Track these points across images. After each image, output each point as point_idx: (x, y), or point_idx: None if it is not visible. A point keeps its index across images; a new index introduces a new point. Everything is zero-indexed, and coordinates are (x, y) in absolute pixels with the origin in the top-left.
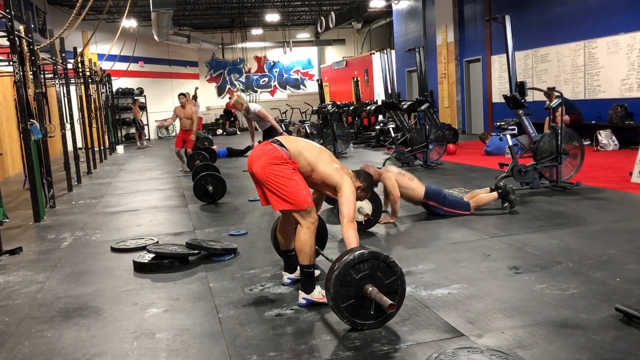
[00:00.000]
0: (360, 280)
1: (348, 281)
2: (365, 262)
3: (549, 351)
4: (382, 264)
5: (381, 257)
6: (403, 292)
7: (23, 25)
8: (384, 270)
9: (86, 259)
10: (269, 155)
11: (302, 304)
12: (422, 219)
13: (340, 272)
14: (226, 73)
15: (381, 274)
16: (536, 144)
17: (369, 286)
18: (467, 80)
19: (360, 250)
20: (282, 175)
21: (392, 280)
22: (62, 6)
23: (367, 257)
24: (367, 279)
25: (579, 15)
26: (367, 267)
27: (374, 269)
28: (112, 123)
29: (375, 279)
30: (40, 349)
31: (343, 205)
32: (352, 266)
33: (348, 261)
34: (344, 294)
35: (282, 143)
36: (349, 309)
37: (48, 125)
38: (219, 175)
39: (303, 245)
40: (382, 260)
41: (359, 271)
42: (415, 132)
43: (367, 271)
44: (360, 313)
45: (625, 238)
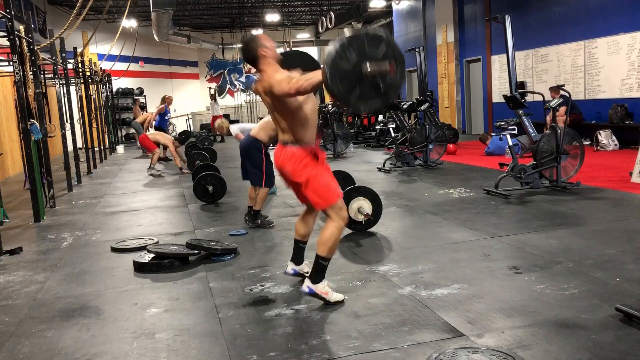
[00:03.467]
0: (355, 66)
1: (347, 57)
2: (349, 47)
3: (549, 351)
4: (365, 39)
5: (360, 34)
6: (401, 57)
7: (23, 25)
8: (371, 43)
9: (86, 259)
10: (292, 158)
11: (305, 291)
12: (421, 219)
13: (332, 69)
14: (226, 73)
15: (372, 49)
16: (536, 143)
17: (365, 65)
18: (467, 80)
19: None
20: (313, 174)
21: (382, 48)
22: (62, 6)
23: (347, 42)
24: (360, 60)
25: (579, 15)
26: (354, 51)
27: (361, 49)
28: (112, 123)
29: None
30: (40, 349)
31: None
32: (340, 57)
33: (334, 56)
34: (347, 85)
35: (285, 141)
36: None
37: (48, 125)
38: (219, 175)
39: (328, 239)
40: (363, 37)
41: (349, 59)
42: (415, 132)
43: (355, 54)
44: (369, 95)
45: (625, 238)
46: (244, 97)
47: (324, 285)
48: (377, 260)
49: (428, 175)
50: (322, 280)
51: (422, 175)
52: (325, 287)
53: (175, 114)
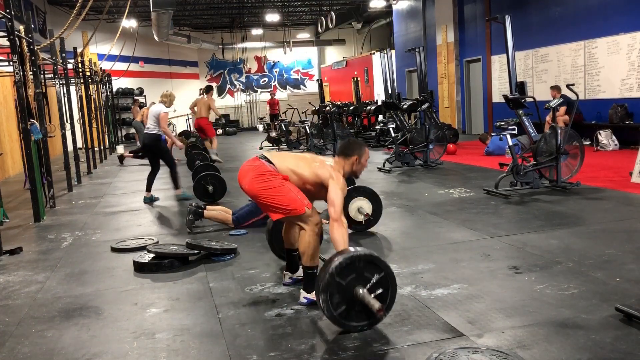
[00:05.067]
0: (348, 284)
1: (336, 288)
2: (350, 265)
3: (549, 351)
4: (367, 263)
5: (366, 256)
6: (394, 288)
7: (23, 25)
8: (370, 269)
9: (86, 259)
10: (256, 171)
11: (302, 303)
12: (421, 219)
13: (328, 280)
14: (226, 73)
15: (369, 274)
16: (536, 143)
17: (359, 288)
18: (467, 80)
19: (345, 255)
20: (272, 186)
21: (380, 278)
22: (62, 6)
23: (351, 260)
24: (355, 281)
25: (579, 15)
26: (354, 270)
27: (360, 270)
28: (112, 123)
29: (364, 280)
30: (40, 349)
31: (331, 203)
32: (338, 272)
33: (333, 268)
34: (334, 300)
35: (269, 159)
36: (342, 315)
37: (48, 125)
38: (219, 175)
39: (307, 248)
40: (367, 260)
41: (346, 276)
42: (415, 132)
43: (353, 274)
44: (353, 315)
45: (625, 238)
46: (244, 97)
47: None
48: None
49: (428, 175)
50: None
51: (422, 175)
52: None
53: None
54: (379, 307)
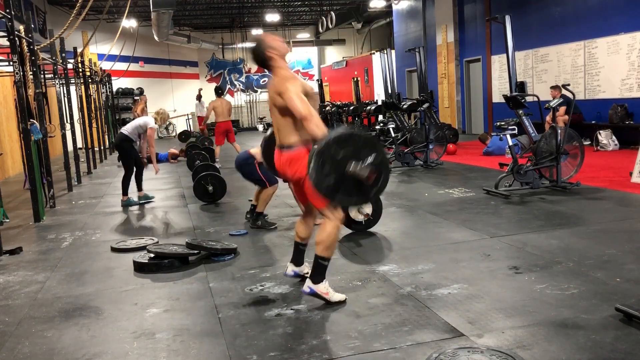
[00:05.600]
0: (342, 158)
1: (330, 157)
2: (348, 139)
3: (549, 351)
4: (366, 143)
5: (355, 135)
6: (387, 174)
7: (23, 25)
8: (366, 151)
9: (86, 259)
10: (289, 160)
11: (306, 292)
12: (421, 219)
13: (323, 147)
14: (226, 73)
15: (364, 154)
16: (536, 143)
17: (350, 164)
18: (467, 80)
19: (345, 129)
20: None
21: (374, 160)
22: (62, 6)
23: (350, 135)
24: (349, 157)
25: (579, 15)
26: (350, 145)
27: (357, 148)
28: (112, 123)
29: (358, 158)
30: (40, 349)
31: (294, 111)
32: (335, 142)
33: (332, 138)
34: (324, 170)
35: (284, 145)
36: (329, 187)
37: (48, 125)
38: (219, 175)
39: (326, 238)
40: (366, 140)
41: (341, 148)
42: (415, 132)
43: (350, 149)
44: (340, 189)
45: (625, 238)
46: (244, 97)
47: (325, 285)
48: (377, 260)
49: (428, 175)
50: (323, 280)
51: (422, 175)
52: (327, 288)
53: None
54: (369, 173)
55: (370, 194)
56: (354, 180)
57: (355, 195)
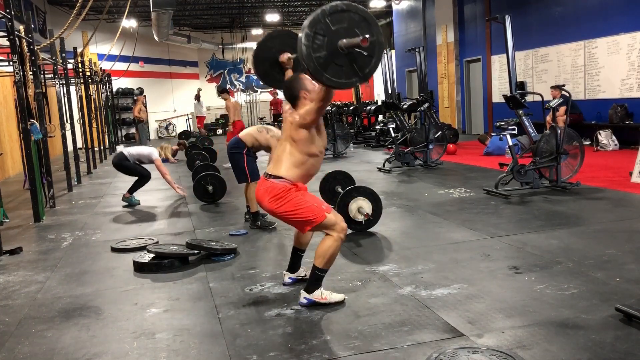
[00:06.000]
0: (335, 32)
1: (323, 29)
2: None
3: (549, 351)
4: (362, 19)
5: (363, 12)
6: (380, 40)
7: (23, 25)
8: (362, 28)
9: (86, 259)
10: (270, 194)
11: (303, 304)
12: (421, 219)
13: (318, 17)
14: (226, 73)
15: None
16: (536, 143)
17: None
18: (467, 80)
19: (329, 6)
20: (290, 206)
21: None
22: (62, 6)
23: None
24: (344, 33)
25: (579, 15)
26: (346, 20)
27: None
28: (112, 123)
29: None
30: (40, 349)
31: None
32: (330, 13)
33: (327, 8)
34: (316, 42)
35: (274, 175)
36: (319, 61)
37: (48, 125)
38: (219, 175)
39: (325, 252)
40: (363, 16)
41: (336, 22)
42: (415, 132)
43: (345, 24)
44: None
45: (625, 238)
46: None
47: (320, 292)
48: (377, 260)
49: (428, 175)
50: (318, 289)
51: (422, 175)
52: (322, 293)
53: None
54: (362, 38)
55: (359, 73)
56: (346, 58)
57: (344, 77)
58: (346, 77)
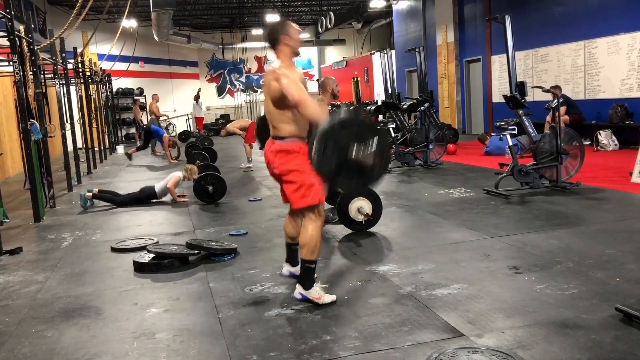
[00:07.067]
0: (344, 144)
1: (332, 147)
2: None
3: (549, 351)
4: (370, 130)
5: (359, 120)
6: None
7: (23, 25)
8: (369, 135)
9: (86, 259)
10: (280, 150)
11: (297, 298)
12: (421, 219)
13: (327, 130)
14: (226, 73)
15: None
16: (536, 144)
17: (353, 148)
18: (467, 80)
19: (350, 114)
20: (299, 164)
21: (373, 136)
22: (62, 6)
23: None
24: (349, 141)
25: (579, 15)
26: (355, 130)
27: (360, 133)
28: (112, 123)
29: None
30: (40, 349)
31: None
32: (341, 125)
33: (337, 120)
34: (327, 151)
35: (278, 136)
36: (331, 168)
37: (48, 125)
38: (219, 175)
39: (309, 241)
40: (370, 127)
41: (346, 132)
42: (415, 132)
43: (354, 133)
44: (342, 172)
45: (625, 238)
46: (244, 97)
47: (316, 290)
48: (377, 260)
49: (428, 175)
50: (313, 284)
51: (422, 175)
52: (318, 292)
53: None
54: (374, 160)
55: (371, 178)
56: (356, 164)
57: (356, 178)
58: (357, 178)
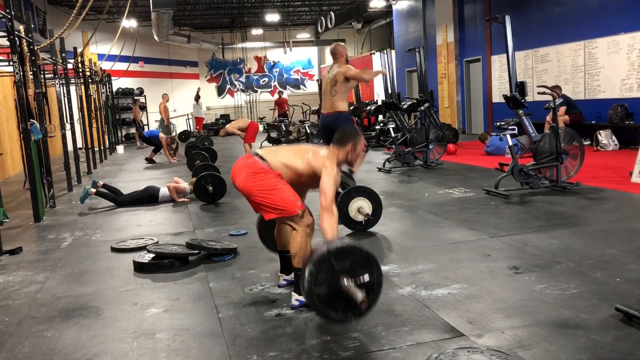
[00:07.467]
0: (338, 270)
1: (327, 267)
2: (348, 253)
3: (549, 351)
4: (365, 260)
5: (356, 250)
6: (380, 285)
7: (23, 25)
8: (364, 267)
9: (86, 259)
10: (249, 169)
11: (294, 306)
12: (422, 219)
13: (322, 256)
14: (226, 73)
15: (361, 270)
16: (536, 144)
17: (344, 279)
18: (467, 80)
19: (334, 245)
20: (266, 185)
21: (368, 272)
22: (62, 6)
23: (352, 248)
24: (346, 271)
25: (579, 15)
26: (350, 259)
27: (355, 262)
28: (112, 123)
29: (355, 273)
30: (40, 349)
31: (322, 192)
32: (335, 253)
33: (332, 247)
34: (319, 278)
35: (262, 156)
36: (319, 296)
37: (48, 125)
38: (219, 175)
39: (298, 250)
40: (365, 257)
41: (340, 260)
42: (415, 132)
43: (348, 263)
44: (329, 301)
45: (625, 238)
46: (244, 97)
47: None
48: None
49: (428, 175)
50: None
51: (422, 175)
52: None
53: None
54: (362, 299)
55: (355, 315)
56: (345, 295)
57: (341, 312)
58: (342, 311)
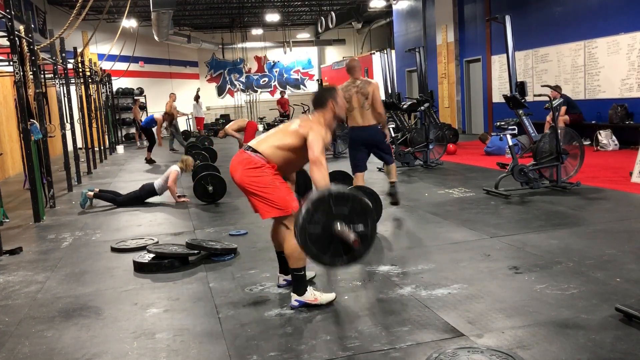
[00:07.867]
0: (331, 217)
1: (318, 217)
2: (347, 200)
3: (549, 351)
4: (362, 210)
5: (356, 199)
6: (372, 239)
7: (23, 25)
8: (360, 218)
9: (86, 259)
10: (246, 164)
11: (294, 306)
12: (422, 219)
13: (321, 197)
14: (226, 73)
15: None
16: (536, 144)
17: (339, 224)
18: (467, 80)
19: (336, 189)
20: (263, 182)
21: (363, 223)
22: (62, 6)
23: (341, 196)
24: (339, 217)
25: (579, 15)
26: (347, 206)
27: (353, 211)
28: (112, 123)
29: (350, 221)
30: (40, 349)
31: (309, 147)
32: (335, 198)
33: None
34: (314, 218)
35: (254, 149)
36: (312, 236)
37: (48, 125)
38: (219, 175)
39: (293, 251)
40: (357, 203)
41: (338, 205)
42: (415, 132)
43: (345, 209)
44: (320, 243)
45: (625, 238)
46: (244, 97)
47: (310, 293)
48: (377, 260)
49: (428, 175)
50: (306, 289)
51: (422, 175)
52: (313, 294)
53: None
54: (354, 239)
55: (344, 259)
56: (337, 239)
57: (329, 255)
58: (330, 255)
